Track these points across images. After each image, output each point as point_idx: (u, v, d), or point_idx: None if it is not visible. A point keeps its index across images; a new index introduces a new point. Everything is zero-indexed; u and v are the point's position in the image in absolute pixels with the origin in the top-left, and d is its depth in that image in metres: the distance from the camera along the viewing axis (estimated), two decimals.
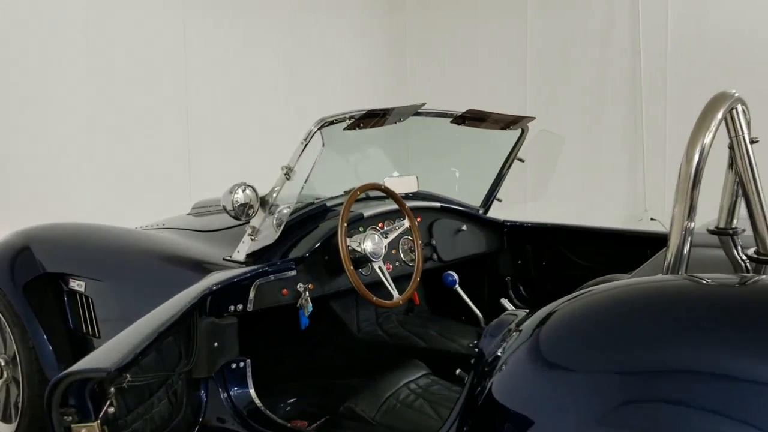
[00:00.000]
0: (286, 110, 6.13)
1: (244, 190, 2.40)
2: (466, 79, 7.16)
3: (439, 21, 7.46)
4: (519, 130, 3.36)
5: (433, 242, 3.17)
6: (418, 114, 2.86)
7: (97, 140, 4.90)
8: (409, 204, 3.03)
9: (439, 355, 2.84)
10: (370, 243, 2.56)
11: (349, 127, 2.55)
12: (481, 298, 3.80)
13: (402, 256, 3.00)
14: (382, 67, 7.42)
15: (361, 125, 2.62)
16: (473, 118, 3.02)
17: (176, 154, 5.42)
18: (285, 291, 2.44)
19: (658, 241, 2.90)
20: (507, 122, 3.22)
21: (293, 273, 2.43)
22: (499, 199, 3.70)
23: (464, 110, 3.00)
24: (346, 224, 2.46)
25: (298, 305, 2.45)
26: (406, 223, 2.76)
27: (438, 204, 3.27)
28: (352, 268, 2.43)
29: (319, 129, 2.40)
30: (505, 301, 2.79)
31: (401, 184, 3.05)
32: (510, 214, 3.71)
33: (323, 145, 2.35)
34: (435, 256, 3.16)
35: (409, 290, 2.65)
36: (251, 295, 2.35)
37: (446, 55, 7.41)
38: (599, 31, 6.51)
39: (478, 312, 2.82)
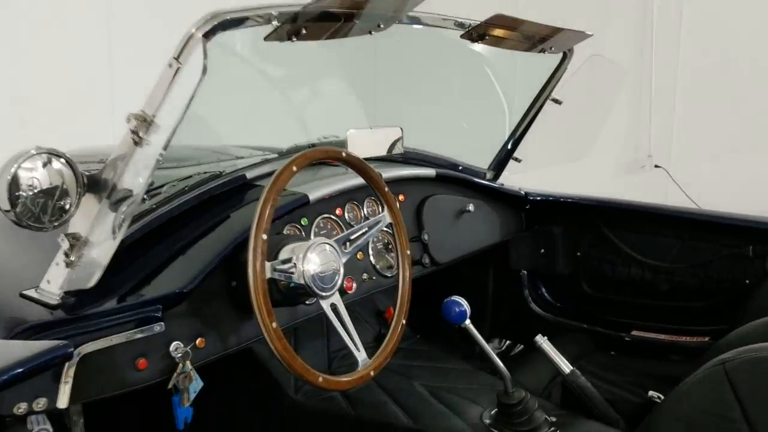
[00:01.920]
0: None
1: (46, 165, 1.12)
2: None
3: None
4: (560, 54, 2.11)
5: (424, 236, 1.94)
6: (409, 21, 1.60)
7: None
8: (386, 173, 1.80)
9: None
10: (317, 260, 1.32)
11: (276, 36, 1.29)
12: (482, 305, 2.63)
13: (372, 260, 1.78)
14: None
15: (303, 32, 1.36)
16: (501, 26, 1.75)
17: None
18: (142, 362, 1.22)
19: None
20: (543, 38, 1.96)
21: (159, 327, 1.20)
22: (517, 159, 2.47)
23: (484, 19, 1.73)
24: (264, 235, 1.20)
25: (170, 387, 1.23)
26: (386, 215, 1.52)
27: (432, 171, 2.03)
28: (270, 317, 1.20)
29: (208, 35, 1.13)
30: (542, 341, 1.66)
31: (375, 143, 1.80)
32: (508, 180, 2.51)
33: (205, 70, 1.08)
34: (426, 259, 1.95)
35: (385, 350, 1.44)
36: (65, 378, 1.11)
37: None
38: None
39: (503, 368, 1.63)
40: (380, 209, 1.78)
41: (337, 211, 1.70)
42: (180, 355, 1.23)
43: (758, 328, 1.57)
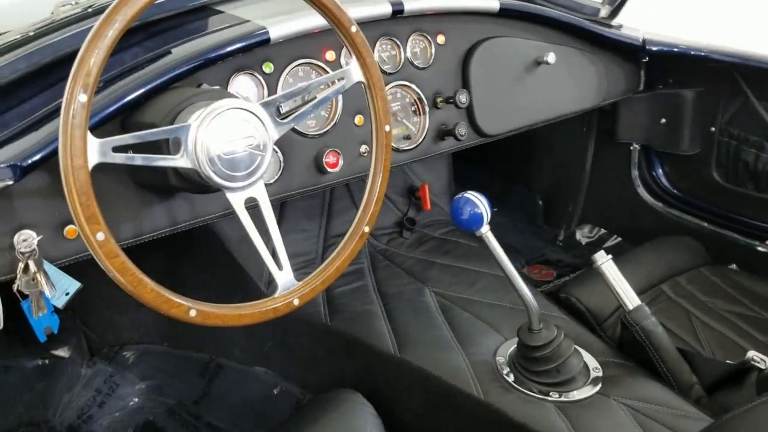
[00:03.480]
0: None
1: None
2: None
3: None
4: None
5: (460, 98, 1.38)
6: None
7: None
8: (414, 2, 1.28)
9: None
10: (221, 133, 0.88)
11: None
12: (575, 181, 2.11)
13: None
14: None
15: None
16: None
17: None
18: None
19: None
20: None
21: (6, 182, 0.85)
22: None
23: None
24: (84, 96, 0.74)
25: (17, 289, 0.92)
26: (351, 69, 1.02)
27: (494, 2, 1.44)
28: (94, 224, 0.77)
29: None
30: (604, 260, 1.20)
31: None
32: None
33: None
34: (461, 129, 1.39)
35: (325, 271, 1.00)
36: None
37: None
38: None
39: (529, 297, 1.14)
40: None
41: (327, 55, 1.22)
42: (26, 249, 0.90)
43: None
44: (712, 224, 1.80)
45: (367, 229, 1.02)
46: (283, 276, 0.95)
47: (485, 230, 1.14)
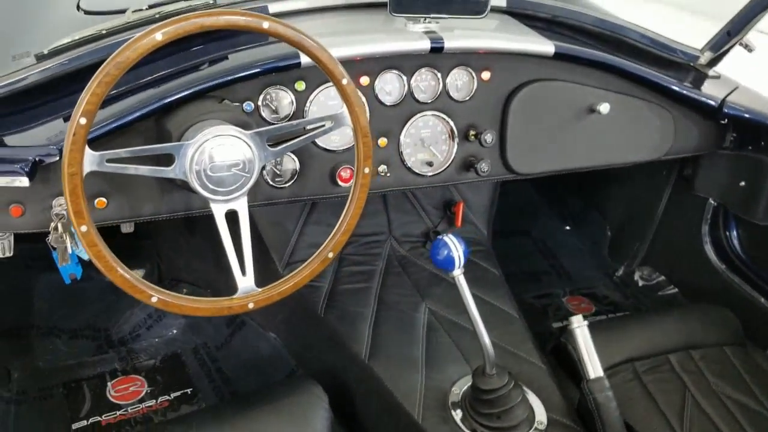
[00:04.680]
0: None
1: None
2: None
3: None
4: None
5: (486, 137, 1.42)
6: None
7: None
8: (459, 41, 1.34)
9: None
10: (212, 154, 1.03)
11: None
12: (644, 225, 2.06)
13: (402, 149, 1.40)
14: None
15: None
16: None
17: None
18: (17, 209, 1.13)
19: None
20: None
21: (21, 182, 1.05)
22: (747, 47, 1.66)
23: None
24: (83, 119, 0.90)
25: (50, 241, 1.15)
26: (343, 114, 1.11)
27: (549, 47, 1.43)
28: (79, 218, 0.96)
29: None
30: (579, 324, 1.26)
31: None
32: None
33: None
34: (484, 166, 1.43)
35: (281, 286, 1.12)
36: None
37: None
38: None
39: (486, 342, 1.20)
40: (406, 86, 1.35)
41: (362, 80, 1.31)
42: (60, 212, 1.12)
43: None
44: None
45: (330, 255, 1.13)
46: (245, 281, 1.09)
47: (457, 273, 1.21)
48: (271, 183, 1.29)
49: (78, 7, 1.63)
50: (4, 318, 1.81)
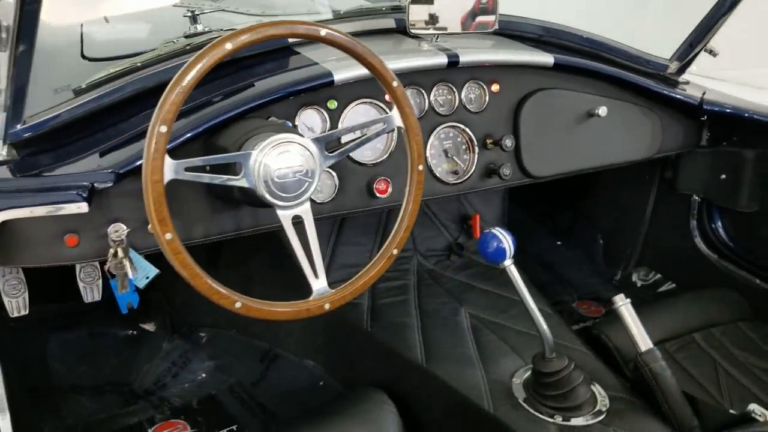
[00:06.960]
0: None
1: None
2: None
3: None
4: None
5: (506, 142, 1.53)
6: None
7: None
8: (470, 55, 1.45)
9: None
10: (278, 161, 1.08)
11: None
12: (635, 226, 2.17)
13: (430, 159, 1.48)
14: None
15: None
16: None
17: None
18: (72, 239, 1.14)
19: None
20: None
21: (79, 208, 1.08)
22: (711, 52, 1.84)
23: None
24: (164, 127, 0.96)
25: (107, 269, 1.16)
26: (393, 116, 1.19)
27: (549, 58, 1.57)
28: (164, 226, 0.99)
29: None
30: (623, 303, 1.30)
31: (448, 10, 1.42)
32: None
33: None
34: (506, 170, 1.54)
35: (354, 284, 1.17)
36: None
37: None
38: None
39: (544, 328, 1.27)
40: (426, 101, 1.45)
41: (387, 96, 1.40)
42: (117, 239, 1.13)
43: None
44: (763, 281, 1.83)
45: (395, 252, 1.19)
46: (319, 283, 1.13)
47: (508, 263, 1.28)
48: (313, 199, 1.34)
49: (82, 56, 1.67)
50: (25, 377, 1.75)
